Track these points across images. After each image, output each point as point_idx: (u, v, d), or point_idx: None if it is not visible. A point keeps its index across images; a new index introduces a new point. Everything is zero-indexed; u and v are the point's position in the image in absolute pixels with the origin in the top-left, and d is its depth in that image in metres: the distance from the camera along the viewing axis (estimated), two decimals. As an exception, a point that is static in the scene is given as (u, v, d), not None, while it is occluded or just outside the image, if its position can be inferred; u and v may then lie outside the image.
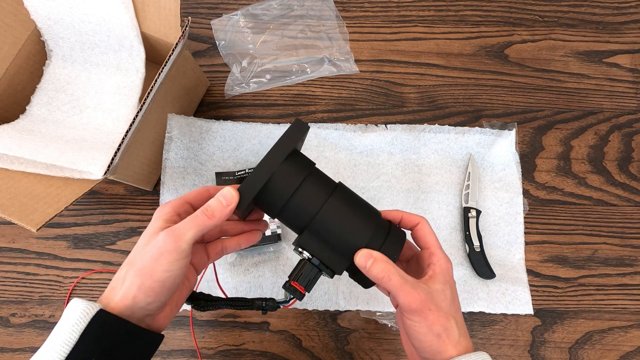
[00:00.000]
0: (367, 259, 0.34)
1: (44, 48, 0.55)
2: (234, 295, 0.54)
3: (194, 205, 0.36)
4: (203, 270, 0.40)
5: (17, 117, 0.54)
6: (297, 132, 0.35)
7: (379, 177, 0.58)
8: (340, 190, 0.36)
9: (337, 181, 0.38)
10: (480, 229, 0.56)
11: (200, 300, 0.38)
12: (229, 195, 0.33)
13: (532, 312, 0.54)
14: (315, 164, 0.38)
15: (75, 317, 0.29)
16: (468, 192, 0.57)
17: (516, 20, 0.66)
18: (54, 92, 0.56)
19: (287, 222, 0.37)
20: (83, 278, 0.55)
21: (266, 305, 0.38)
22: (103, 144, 0.51)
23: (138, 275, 0.32)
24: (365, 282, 0.37)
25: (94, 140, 0.52)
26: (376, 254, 0.35)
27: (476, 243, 0.55)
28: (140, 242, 0.34)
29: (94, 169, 0.43)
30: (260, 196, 0.35)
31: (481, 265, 0.54)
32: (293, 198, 0.35)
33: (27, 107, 0.54)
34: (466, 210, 0.56)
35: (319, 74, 0.63)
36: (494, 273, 0.54)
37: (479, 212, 0.56)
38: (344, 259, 0.36)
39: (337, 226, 0.35)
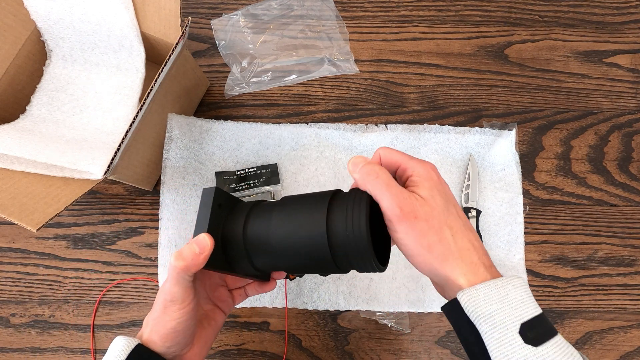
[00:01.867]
0: (358, 163, 0.32)
1: (44, 48, 0.55)
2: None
3: None
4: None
5: (17, 117, 0.54)
6: (207, 196, 0.35)
7: (379, 177, 0.58)
8: (279, 209, 0.34)
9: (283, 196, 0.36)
10: (480, 229, 0.56)
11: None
12: (202, 243, 0.32)
13: (532, 312, 0.54)
14: (260, 201, 0.37)
15: (118, 350, 0.33)
16: (468, 192, 0.57)
17: (516, 20, 0.66)
18: (54, 92, 0.56)
19: (268, 265, 0.36)
20: (119, 283, 0.55)
21: None
22: (103, 144, 0.51)
23: (154, 324, 0.35)
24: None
25: (94, 140, 0.52)
26: (366, 158, 0.32)
27: None
28: (162, 286, 0.36)
29: (94, 169, 0.43)
30: (221, 257, 0.35)
31: None
32: (247, 240, 0.34)
33: (27, 107, 0.54)
34: (466, 210, 0.56)
35: (319, 74, 0.63)
36: None
37: (479, 212, 0.56)
38: (322, 263, 0.32)
39: (293, 239, 0.32)
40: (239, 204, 0.37)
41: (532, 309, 0.27)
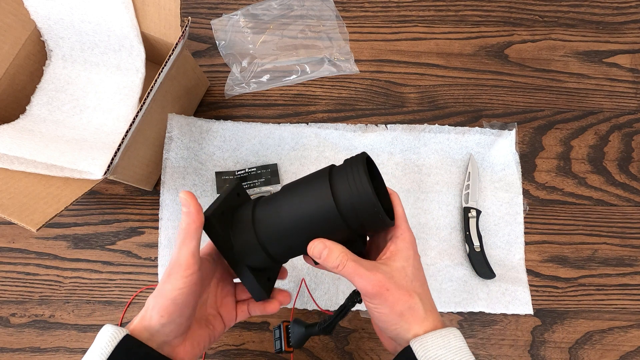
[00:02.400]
0: (321, 250, 0.33)
1: (44, 48, 0.55)
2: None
3: None
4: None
5: (17, 117, 0.54)
6: (228, 187, 0.38)
7: (379, 177, 0.58)
8: (283, 191, 0.36)
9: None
10: (480, 229, 0.56)
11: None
12: (182, 197, 0.34)
13: (531, 312, 0.54)
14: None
15: (104, 342, 0.32)
16: (468, 192, 0.57)
17: (516, 20, 0.66)
18: (54, 92, 0.56)
19: (282, 248, 0.36)
20: (142, 291, 0.55)
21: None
22: (103, 144, 0.51)
23: (154, 297, 0.34)
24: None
25: (94, 140, 0.52)
26: (329, 243, 0.33)
27: (476, 243, 0.55)
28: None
29: (94, 169, 0.43)
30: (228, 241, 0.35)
31: (481, 266, 0.54)
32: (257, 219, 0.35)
33: (27, 107, 0.54)
34: (466, 211, 0.56)
35: (319, 74, 0.63)
36: (494, 273, 0.54)
37: (479, 212, 0.56)
38: (335, 228, 0.34)
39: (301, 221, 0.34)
40: (249, 201, 0.38)
41: (468, 356, 0.32)
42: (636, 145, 0.61)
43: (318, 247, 0.33)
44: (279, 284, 0.56)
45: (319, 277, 0.55)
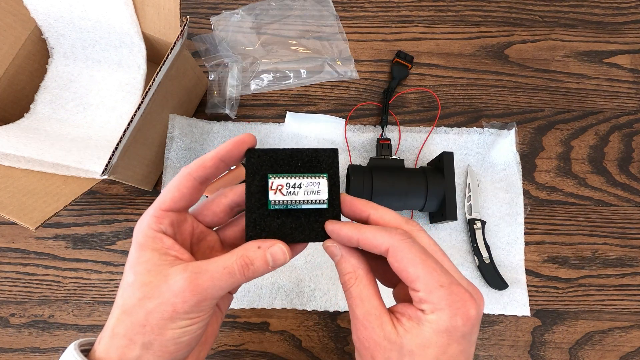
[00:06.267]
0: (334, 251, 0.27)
1: (44, 47, 0.55)
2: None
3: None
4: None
5: (19, 116, 0.54)
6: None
7: (379, 177, 0.58)
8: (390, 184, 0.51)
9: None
10: (486, 238, 0.55)
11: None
12: (280, 257, 0.26)
13: (529, 314, 0.54)
14: None
15: None
16: (471, 204, 0.56)
17: (516, 21, 0.66)
18: (57, 91, 0.56)
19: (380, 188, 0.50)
20: None
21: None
22: (107, 142, 0.50)
23: (140, 333, 0.24)
24: None
25: (98, 138, 0.52)
26: (345, 251, 0.27)
27: (485, 255, 0.54)
28: (136, 279, 0.25)
29: (100, 168, 0.43)
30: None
31: (493, 277, 0.53)
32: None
33: (31, 106, 0.54)
34: (471, 222, 0.55)
35: (319, 78, 0.63)
36: (506, 283, 0.53)
37: (483, 223, 0.55)
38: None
39: None
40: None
41: None
42: (636, 145, 0.61)
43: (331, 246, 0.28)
44: (279, 284, 0.56)
45: (319, 277, 0.55)
